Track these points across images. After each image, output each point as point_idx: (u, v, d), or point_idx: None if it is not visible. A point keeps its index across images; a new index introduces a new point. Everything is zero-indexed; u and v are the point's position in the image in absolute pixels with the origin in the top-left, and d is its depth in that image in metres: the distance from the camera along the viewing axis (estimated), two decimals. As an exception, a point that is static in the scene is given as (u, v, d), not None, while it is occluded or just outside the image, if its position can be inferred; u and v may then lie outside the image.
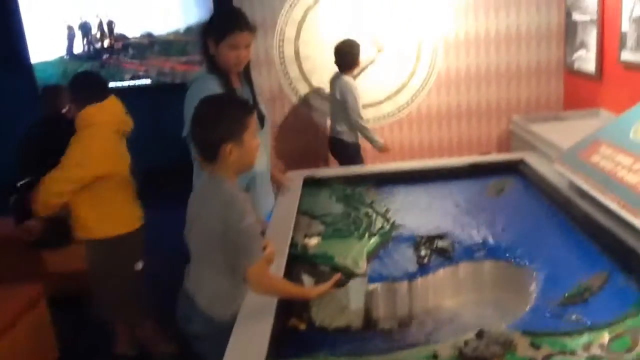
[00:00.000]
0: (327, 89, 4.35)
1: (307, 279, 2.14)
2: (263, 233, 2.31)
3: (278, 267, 2.02)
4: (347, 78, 3.91)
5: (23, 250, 3.76)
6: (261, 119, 2.50)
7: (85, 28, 6.04)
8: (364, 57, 4.03)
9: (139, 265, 2.92)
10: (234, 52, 2.32)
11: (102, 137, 2.75)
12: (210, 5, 5.72)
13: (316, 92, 4.38)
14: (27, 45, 5.99)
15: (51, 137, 3.76)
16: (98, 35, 6.06)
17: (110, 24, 6.01)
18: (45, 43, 6.02)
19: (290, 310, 1.91)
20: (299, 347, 1.79)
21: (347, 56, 3.91)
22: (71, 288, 3.72)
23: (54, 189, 2.67)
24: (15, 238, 3.76)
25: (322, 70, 4.34)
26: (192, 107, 1.83)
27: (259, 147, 1.84)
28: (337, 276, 1.96)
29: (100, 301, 3.00)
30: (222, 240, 1.73)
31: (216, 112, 1.75)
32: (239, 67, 2.41)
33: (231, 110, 1.76)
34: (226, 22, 2.33)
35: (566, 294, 1.80)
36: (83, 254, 3.01)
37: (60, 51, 6.06)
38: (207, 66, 2.39)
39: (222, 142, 1.72)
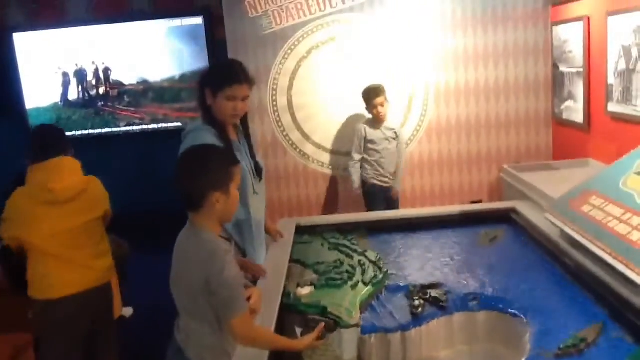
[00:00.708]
0: (318, 137, 4.41)
1: (299, 329, 2.11)
2: (255, 281, 2.29)
3: (270, 317, 2.00)
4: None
5: (9, 298, 3.70)
6: (259, 171, 2.51)
7: (80, 75, 6.09)
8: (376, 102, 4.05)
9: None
10: (231, 103, 2.33)
11: (17, 201, 2.68)
12: (206, 54, 5.81)
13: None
14: (22, 90, 6.03)
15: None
16: (94, 82, 6.11)
17: (106, 71, 6.07)
18: (40, 89, 6.06)
19: (282, 361, 1.88)
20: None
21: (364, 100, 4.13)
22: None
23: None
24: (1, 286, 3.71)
25: (315, 118, 4.39)
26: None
27: (239, 199, 1.85)
28: (321, 325, 1.93)
29: None
30: (205, 291, 1.71)
31: (204, 161, 1.76)
32: (236, 119, 2.42)
33: (218, 160, 1.78)
34: (226, 74, 2.34)
35: (561, 345, 1.79)
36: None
37: (55, 97, 6.10)
38: (203, 116, 2.39)
39: (209, 190, 1.72)
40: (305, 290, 2.33)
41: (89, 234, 2.74)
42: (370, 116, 4.12)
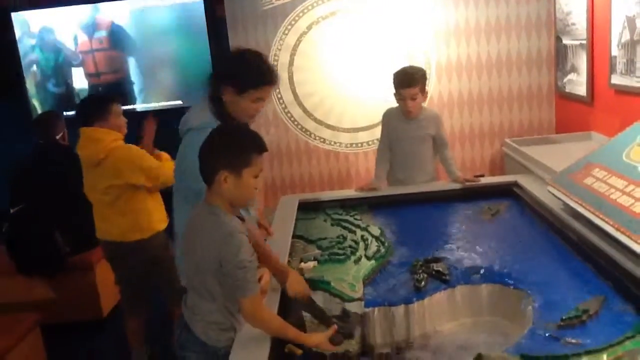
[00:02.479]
0: (320, 113, 4.39)
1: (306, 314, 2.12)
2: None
3: (274, 291, 2.01)
4: None
5: (15, 279, 3.74)
6: None
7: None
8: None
9: None
10: (256, 105, 2.11)
11: None
12: (205, 32, 5.75)
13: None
14: (22, 72, 6.00)
15: (45, 165, 3.77)
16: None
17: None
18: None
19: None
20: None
21: None
22: (59, 316, 3.69)
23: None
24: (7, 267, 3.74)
25: (316, 94, 4.37)
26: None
27: (255, 191, 1.79)
28: (335, 327, 1.83)
29: None
30: (218, 271, 1.72)
31: (225, 138, 1.76)
32: (254, 120, 2.20)
33: (240, 142, 1.75)
34: (256, 73, 2.07)
35: (563, 317, 1.80)
36: (69, 282, 3.09)
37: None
38: (214, 111, 2.11)
39: (219, 168, 1.72)
40: (309, 266, 2.34)
41: (111, 196, 2.99)
42: None
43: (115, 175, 2.95)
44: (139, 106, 6.00)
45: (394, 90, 3.18)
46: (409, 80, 3.09)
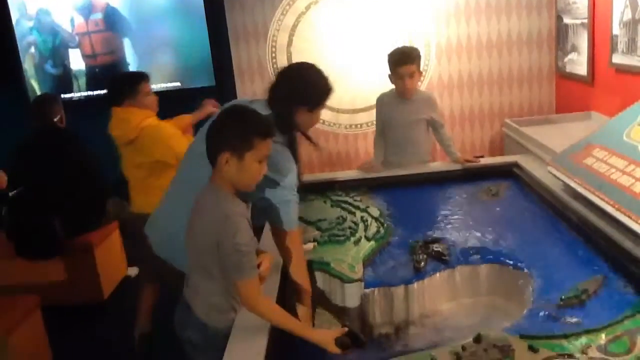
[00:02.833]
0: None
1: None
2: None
3: (275, 272, 2.01)
4: None
5: (14, 262, 3.75)
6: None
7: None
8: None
9: None
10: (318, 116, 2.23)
11: None
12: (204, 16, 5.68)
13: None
14: (19, 54, 5.95)
15: (43, 147, 3.75)
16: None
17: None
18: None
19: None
20: (296, 356, 1.78)
21: None
22: (60, 298, 3.71)
23: None
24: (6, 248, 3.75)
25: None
26: (294, 170, 2.00)
27: (259, 176, 1.78)
28: (343, 330, 1.74)
29: None
30: (216, 252, 1.71)
31: (230, 119, 1.75)
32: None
33: (245, 124, 1.73)
34: (325, 91, 2.18)
35: (563, 297, 1.80)
36: (70, 265, 3.07)
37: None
38: (280, 127, 2.04)
39: (221, 148, 1.70)
40: (308, 247, 2.34)
41: (144, 172, 3.08)
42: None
43: (146, 153, 3.03)
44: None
45: (389, 72, 3.17)
46: (406, 58, 3.07)
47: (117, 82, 3.20)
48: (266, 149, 1.75)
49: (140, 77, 3.16)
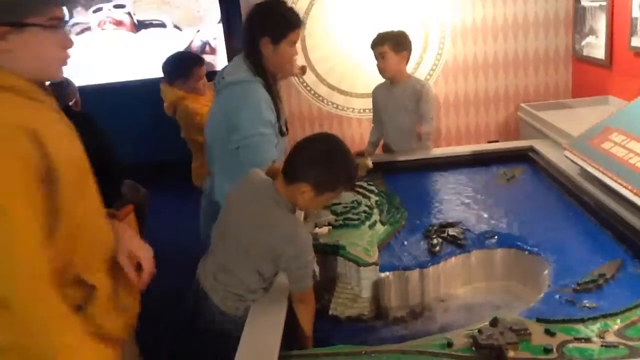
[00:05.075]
0: (333, 78, 4.35)
1: (316, 268, 2.14)
2: None
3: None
4: None
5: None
6: (282, 133, 2.46)
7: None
8: None
9: None
10: (292, 49, 2.26)
11: None
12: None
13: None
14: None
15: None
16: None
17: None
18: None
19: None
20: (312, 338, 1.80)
21: None
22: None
23: None
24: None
25: (330, 59, 4.32)
26: (254, 109, 2.09)
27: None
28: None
29: None
30: (268, 260, 1.74)
31: (330, 158, 1.75)
32: (292, 68, 2.37)
33: (337, 173, 1.76)
34: (288, 18, 2.22)
35: (579, 281, 1.80)
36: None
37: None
38: (253, 68, 2.24)
39: (306, 180, 1.72)
40: (323, 230, 2.35)
41: (190, 145, 3.32)
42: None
43: (182, 131, 3.23)
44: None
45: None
46: (376, 40, 3.22)
47: (172, 62, 3.30)
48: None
49: (197, 61, 3.24)
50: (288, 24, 2.22)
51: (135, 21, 6.03)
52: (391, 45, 3.17)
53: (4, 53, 1.24)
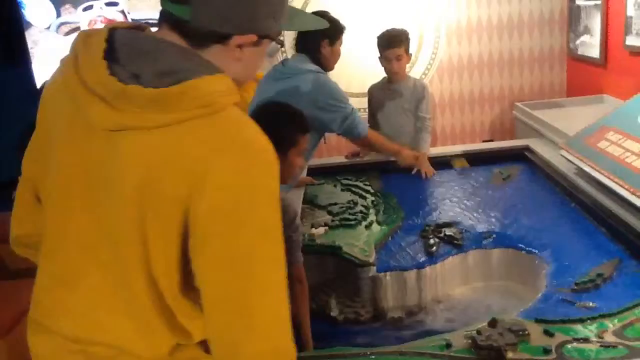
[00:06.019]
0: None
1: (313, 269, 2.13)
2: None
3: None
4: None
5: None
6: None
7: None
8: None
9: None
10: (339, 49, 2.74)
11: None
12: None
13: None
14: (26, 39, 5.93)
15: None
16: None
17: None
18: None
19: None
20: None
21: None
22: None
23: None
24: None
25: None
26: (336, 90, 2.62)
27: (301, 168, 1.89)
28: None
29: None
30: None
31: (276, 117, 1.74)
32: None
33: (288, 124, 1.74)
34: (339, 25, 2.67)
35: (577, 281, 1.79)
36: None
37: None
38: (314, 62, 2.67)
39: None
40: (319, 231, 2.34)
41: None
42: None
43: None
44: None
45: (379, 55, 3.16)
46: (393, 41, 3.07)
47: None
48: (305, 142, 1.82)
49: None
50: (340, 29, 2.69)
51: (130, 20, 5.99)
52: (406, 47, 3.09)
53: (236, 62, 1.10)
